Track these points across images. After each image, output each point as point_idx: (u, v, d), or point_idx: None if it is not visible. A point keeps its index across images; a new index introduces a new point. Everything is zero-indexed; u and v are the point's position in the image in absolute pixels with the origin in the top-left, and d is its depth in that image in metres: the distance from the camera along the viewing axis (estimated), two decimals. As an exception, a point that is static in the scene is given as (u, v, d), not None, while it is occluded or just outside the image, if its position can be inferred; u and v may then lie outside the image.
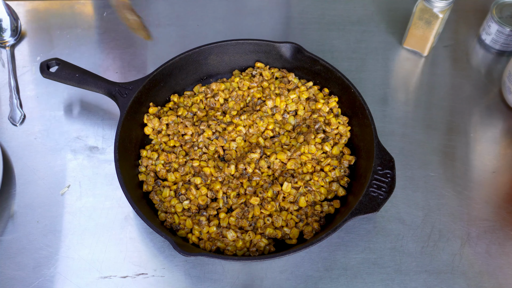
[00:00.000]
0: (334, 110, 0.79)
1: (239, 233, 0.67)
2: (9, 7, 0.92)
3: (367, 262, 0.69)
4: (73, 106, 0.84)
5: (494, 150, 0.79)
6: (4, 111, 0.83)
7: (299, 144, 0.75)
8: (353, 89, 0.76)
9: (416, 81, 0.88)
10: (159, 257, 0.69)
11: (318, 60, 0.79)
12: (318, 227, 0.69)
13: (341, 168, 0.74)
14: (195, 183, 0.72)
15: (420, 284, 0.67)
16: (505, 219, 0.72)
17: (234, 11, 0.98)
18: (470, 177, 0.76)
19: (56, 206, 0.73)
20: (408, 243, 0.70)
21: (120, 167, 0.68)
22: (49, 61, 0.79)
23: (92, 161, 0.78)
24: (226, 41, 0.81)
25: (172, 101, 0.81)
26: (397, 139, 0.80)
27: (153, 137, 0.78)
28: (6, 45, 0.90)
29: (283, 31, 0.95)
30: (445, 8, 0.81)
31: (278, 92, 0.80)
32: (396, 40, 0.92)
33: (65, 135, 0.80)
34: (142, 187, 0.73)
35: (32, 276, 0.67)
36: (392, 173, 0.67)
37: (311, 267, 0.68)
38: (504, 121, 0.82)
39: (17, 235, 0.71)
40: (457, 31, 0.94)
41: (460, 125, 0.82)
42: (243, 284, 0.67)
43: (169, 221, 0.70)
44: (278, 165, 0.73)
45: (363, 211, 0.64)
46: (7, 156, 0.77)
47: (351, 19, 0.96)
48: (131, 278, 0.67)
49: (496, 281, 0.67)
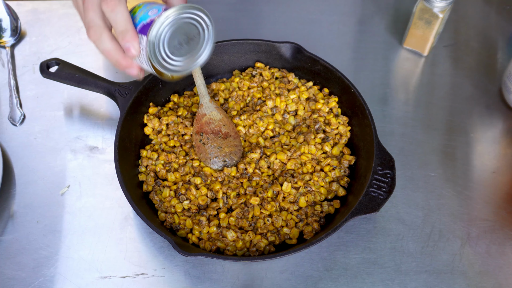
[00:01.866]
0: (334, 110, 0.79)
1: (239, 233, 0.67)
2: (9, 7, 0.92)
3: (367, 262, 0.69)
4: (73, 106, 0.84)
5: (494, 150, 0.79)
6: (4, 111, 0.83)
7: (299, 144, 0.75)
8: (353, 89, 0.76)
9: (416, 81, 0.88)
10: (159, 257, 0.69)
11: (318, 60, 0.79)
12: (318, 227, 0.69)
13: (341, 168, 0.74)
14: (195, 183, 0.72)
15: (420, 284, 0.67)
16: (505, 219, 0.72)
17: (234, 11, 0.98)
18: (470, 177, 0.76)
19: (56, 206, 0.73)
20: (408, 243, 0.70)
21: (120, 167, 0.68)
22: (49, 61, 0.79)
23: (92, 161, 0.78)
24: (226, 41, 0.81)
25: (172, 101, 0.81)
26: (397, 139, 0.80)
27: (153, 137, 0.78)
28: (6, 45, 0.90)
29: (283, 31, 0.95)
30: (445, 8, 0.81)
31: (278, 92, 0.80)
32: (396, 40, 0.92)
33: (65, 135, 0.80)
34: (142, 187, 0.73)
35: (32, 276, 0.67)
36: (392, 173, 0.67)
37: (311, 267, 0.68)
38: (504, 121, 0.82)
39: (17, 235, 0.71)
40: (457, 31, 0.94)
41: (460, 125, 0.82)
42: (243, 284, 0.67)
43: (169, 221, 0.70)
44: (278, 165, 0.73)
45: (363, 211, 0.64)
46: (7, 156, 0.77)
47: (351, 19, 0.96)
48: (131, 278, 0.67)
49: (496, 281, 0.67)
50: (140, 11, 0.57)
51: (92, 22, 0.54)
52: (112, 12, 0.53)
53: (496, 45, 0.92)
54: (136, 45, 0.54)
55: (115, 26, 0.54)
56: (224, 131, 0.75)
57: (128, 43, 0.54)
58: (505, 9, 0.97)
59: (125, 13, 0.54)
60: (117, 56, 0.56)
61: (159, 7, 0.57)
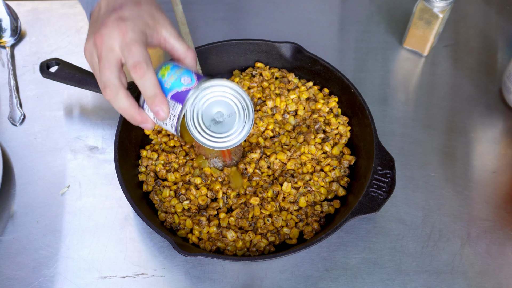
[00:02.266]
0: (334, 110, 0.79)
1: (239, 233, 0.67)
2: (9, 7, 0.92)
3: (367, 262, 0.69)
4: (73, 106, 0.84)
5: (494, 150, 0.79)
6: (4, 111, 0.83)
7: (299, 144, 0.75)
8: (353, 89, 0.76)
9: (416, 81, 0.88)
10: (159, 257, 0.69)
11: (318, 60, 0.79)
12: (318, 227, 0.69)
13: (341, 168, 0.74)
14: (195, 183, 0.72)
15: (420, 284, 0.67)
16: (505, 219, 0.72)
17: (234, 11, 0.98)
18: (470, 177, 0.76)
19: (56, 206, 0.73)
20: (408, 243, 0.70)
21: (120, 167, 0.68)
22: (49, 61, 0.79)
23: (92, 161, 0.78)
24: (226, 41, 0.81)
25: (172, 101, 0.81)
26: (397, 139, 0.80)
27: (153, 137, 0.78)
28: (6, 45, 0.90)
29: (283, 31, 0.95)
30: (445, 8, 0.81)
31: (278, 92, 0.80)
32: (396, 40, 0.92)
33: (65, 135, 0.80)
34: (142, 187, 0.73)
35: (32, 276, 0.67)
36: (392, 173, 0.67)
37: (311, 267, 0.68)
38: (504, 121, 0.82)
39: (17, 235, 0.71)
40: (457, 31, 0.94)
41: (460, 125, 0.82)
42: (243, 284, 0.67)
43: (169, 221, 0.70)
44: (278, 165, 0.73)
45: (363, 211, 0.64)
46: (7, 156, 0.77)
47: (351, 19, 0.96)
48: (131, 278, 0.67)
49: (496, 281, 0.67)
50: (170, 76, 0.58)
51: (108, 81, 0.55)
52: (141, 79, 0.54)
53: (496, 45, 0.92)
54: (166, 109, 0.56)
55: (144, 92, 0.56)
56: None
57: (157, 107, 0.56)
58: (505, 9, 0.97)
59: (153, 79, 0.55)
60: (132, 113, 0.57)
61: (190, 75, 0.58)
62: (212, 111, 0.58)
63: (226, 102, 0.58)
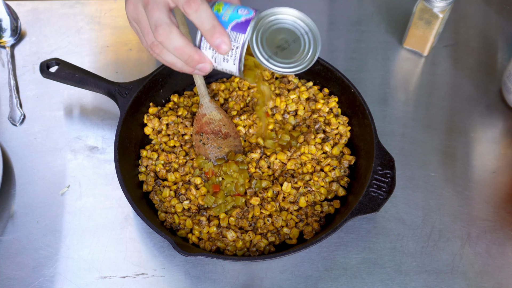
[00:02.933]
0: (334, 110, 0.79)
1: (239, 233, 0.67)
2: (9, 7, 0.92)
3: (367, 262, 0.69)
4: (73, 106, 0.84)
5: (494, 150, 0.79)
6: (4, 111, 0.83)
7: (299, 144, 0.75)
8: (353, 89, 0.76)
9: (416, 81, 0.88)
10: (159, 257, 0.69)
11: (318, 60, 0.79)
12: (318, 227, 0.69)
13: (341, 168, 0.74)
14: (195, 183, 0.72)
15: (420, 284, 0.67)
16: (505, 219, 0.72)
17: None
18: (470, 177, 0.76)
19: (56, 206, 0.73)
20: (408, 243, 0.70)
21: (120, 167, 0.68)
22: (49, 61, 0.79)
23: (92, 161, 0.78)
24: (226, 41, 0.81)
25: (172, 101, 0.81)
26: (397, 139, 0.80)
27: (153, 137, 0.78)
28: (6, 45, 0.90)
29: (283, 31, 0.94)
30: (445, 8, 0.81)
31: (278, 92, 0.80)
32: (396, 40, 0.92)
33: (65, 135, 0.80)
34: (142, 187, 0.73)
35: (32, 276, 0.67)
36: (392, 173, 0.67)
37: (311, 267, 0.68)
38: (504, 121, 0.82)
39: (17, 235, 0.71)
40: (457, 31, 0.94)
41: (460, 125, 0.82)
42: (243, 284, 0.67)
43: (169, 221, 0.70)
44: (278, 165, 0.73)
45: (363, 211, 0.64)
46: (7, 156, 0.77)
47: (351, 19, 0.96)
48: (131, 278, 0.67)
49: (496, 281, 0.67)
50: (225, 9, 0.55)
51: (159, 20, 0.52)
52: (196, 12, 0.51)
53: (496, 45, 0.92)
54: (227, 41, 0.52)
55: (201, 25, 0.52)
56: (224, 131, 0.75)
57: (218, 39, 0.52)
58: (505, 9, 0.97)
59: (209, 11, 0.52)
60: (189, 51, 0.53)
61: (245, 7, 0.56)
62: (276, 39, 0.56)
63: (289, 29, 0.56)
